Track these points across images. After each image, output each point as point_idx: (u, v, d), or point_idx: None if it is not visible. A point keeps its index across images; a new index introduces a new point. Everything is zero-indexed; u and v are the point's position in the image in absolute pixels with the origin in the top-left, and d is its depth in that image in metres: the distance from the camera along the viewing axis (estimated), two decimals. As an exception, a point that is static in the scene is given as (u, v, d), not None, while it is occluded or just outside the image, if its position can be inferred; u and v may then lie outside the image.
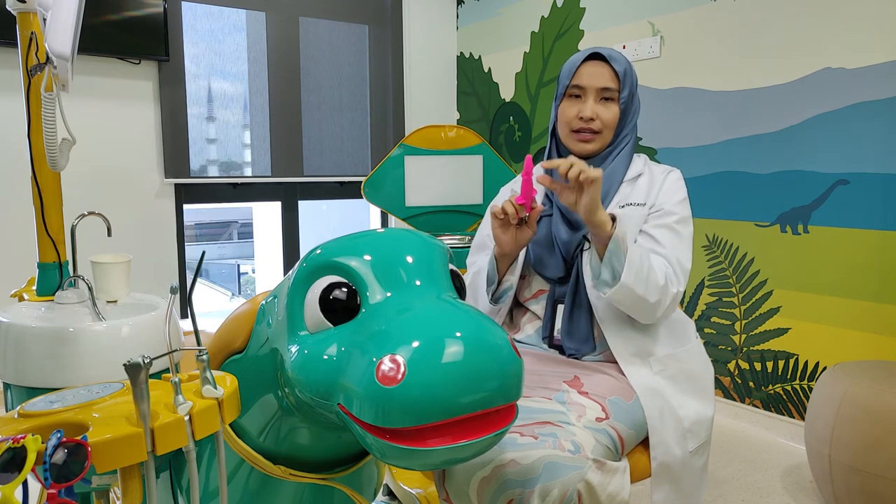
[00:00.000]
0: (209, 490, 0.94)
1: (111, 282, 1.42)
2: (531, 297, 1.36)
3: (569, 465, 0.98)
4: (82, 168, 2.87)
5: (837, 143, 2.18)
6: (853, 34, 2.13)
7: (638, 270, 1.14)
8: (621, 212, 1.28)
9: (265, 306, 0.88)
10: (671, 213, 1.27)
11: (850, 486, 1.71)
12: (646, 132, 2.79)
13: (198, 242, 11.49)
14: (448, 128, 2.95)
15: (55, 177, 1.37)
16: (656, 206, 1.28)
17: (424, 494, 1.48)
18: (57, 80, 1.17)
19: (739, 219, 2.49)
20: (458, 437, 0.69)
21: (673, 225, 1.26)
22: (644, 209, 1.28)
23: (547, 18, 3.26)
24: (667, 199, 1.28)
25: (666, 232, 1.25)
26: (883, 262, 2.10)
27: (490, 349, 0.70)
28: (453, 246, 2.85)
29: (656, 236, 1.25)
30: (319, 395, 0.75)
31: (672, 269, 1.22)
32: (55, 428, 0.66)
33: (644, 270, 1.15)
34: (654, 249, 1.23)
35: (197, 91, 3.19)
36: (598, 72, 1.28)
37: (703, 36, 2.57)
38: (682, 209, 1.28)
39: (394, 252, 0.80)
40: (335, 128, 3.59)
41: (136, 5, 2.83)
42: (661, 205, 1.28)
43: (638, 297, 1.16)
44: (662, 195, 1.29)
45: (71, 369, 1.19)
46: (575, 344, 1.28)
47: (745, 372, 2.51)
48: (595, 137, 1.30)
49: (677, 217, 1.26)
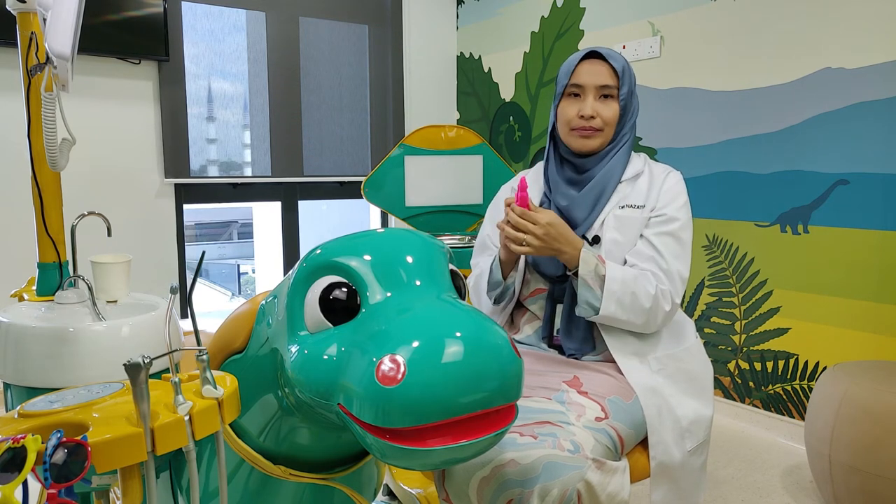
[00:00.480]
0: (209, 490, 0.94)
1: (111, 282, 1.42)
2: (529, 295, 1.37)
3: (568, 464, 0.98)
4: (82, 168, 2.87)
5: (837, 143, 2.18)
6: (853, 34, 2.13)
7: (619, 299, 1.19)
8: (620, 213, 1.28)
9: (265, 306, 0.88)
10: (674, 218, 1.27)
11: (850, 486, 1.71)
12: (646, 132, 2.79)
13: (198, 242, 11.49)
14: (448, 128, 2.95)
15: (55, 177, 1.37)
16: (657, 210, 1.28)
17: (424, 494, 1.48)
18: (57, 80, 1.17)
19: (739, 219, 2.49)
20: (458, 437, 0.69)
21: (675, 232, 1.26)
22: (644, 212, 1.28)
23: (547, 18, 3.26)
24: (668, 203, 1.28)
25: (668, 240, 1.25)
26: (883, 262, 2.10)
27: (490, 349, 0.70)
28: (453, 246, 2.85)
29: (657, 245, 1.25)
30: (319, 395, 0.75)
31: (668, 285, 1.23)
32: (55, 428, 0.66)
33: (626, 298, 1.19)
34: (654, 259, 1.24)
35: (197, 91, 3.19)
36: (596, 70, 1.29)
37: (703, 36, 2.57)
38: (684, 214, 1.28)
39: (394, 252, 0.80)
40: (335, 128, 3.59)
41: (136, 5, 2.83)
42: (663, 209, 1.28)
43: (622, 321, 1.21)
44: (663, 198, 1.29)
45: (71, 369, 1.19)
46: (574, 344, 1.28)
47: (745, 372, 2.51)
48: (596, 135, 1.30)
49: (679, 223, 1.27)
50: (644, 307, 1.20)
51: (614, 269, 1.20)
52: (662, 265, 1.24)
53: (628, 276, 1.20)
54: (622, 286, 1.18)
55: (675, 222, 1.26)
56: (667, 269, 1.23)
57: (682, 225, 1.27)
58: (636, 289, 1.19)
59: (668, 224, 1.26)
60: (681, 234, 1.26)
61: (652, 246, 1.25)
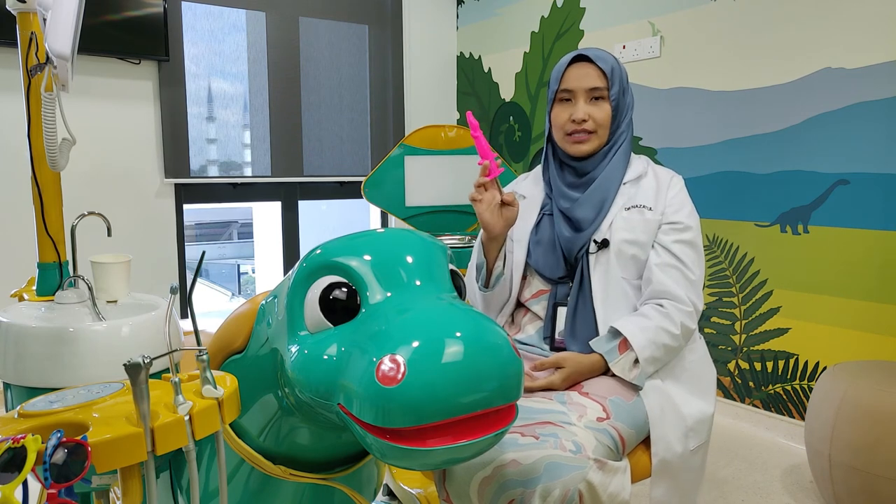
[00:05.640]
0: (209, 490, 0.94)
1: (111, 282, 1.42)
2: (531, 297, 1.37)
3: (570, 465, 0.98)
4: (82, 168, 2.87)
5: (837, 143, 2.18)
6: (853, 34, 2.13)
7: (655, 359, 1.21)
8: (628, 214, 1.29)
9: (265, 306, 0.88)
10: (688, 227, 1.29)
11: (850, 486, 1.71)
12: (646, 132, 2.79)
13: (198, 242, 11.49)
14: (448, 128, 2.95)
15: (55, 177, 1.37)
16: (668, 217, 1.29)
17: (424, 494, 1.48)
18: (57, 80, 1.17)
19: (739, 219, 2.49)
20: (458, 437, 0.69)
21: (692, 240, 1.29)
22: (654, 214, 1.28)
23: (547, 18, 3.26)
24: (678, 210, 1.30)
25: (687, 249, 1.28)
26: (883, 262, 2.10)
27: (490, 349, 0.70)
28: (453, 246, 2.85)
29: (678, 254, 1.27)
30: (319, 395, 0.75)
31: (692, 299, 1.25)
32: (55, 428, 0.66)
33: (659, 353, 1.21)
34: (679, 269, 1.26)
35: (197, 91, 3.19)
36: (584, 73, 1.29)
37: (703, 36, 2.57)
38: (695, 221, 1.31)
39: (394, 252, 0.80)
40: (335, 128, 3.59)
41: (136, 5, 2.83)
42: (674, 215, 1.29)
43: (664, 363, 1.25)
44: (672, 203, 1.30)
45: (71, 369, 1.19)
46: (579, 346, 1.28)
47: (745, 372, 2.51)
48: (590, 138, 1.30)
49: (694, 232, 1.29)
50: (674, 347, 1.23)
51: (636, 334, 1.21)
52: (689, 276, 1.26)
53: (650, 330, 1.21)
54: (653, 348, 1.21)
55: (690, 231, 1.29)
56: (693, 279, 1.26)
57: (696, 233, 1.30)
58: (663, 339, 1.21)
59: (684, 233, 1.28)
60: (696, 241, 1.29)
61: (673, 255, 1.27)
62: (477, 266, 1.37)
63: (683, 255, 1.27)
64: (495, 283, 1.35)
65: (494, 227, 1.26)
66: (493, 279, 1.35)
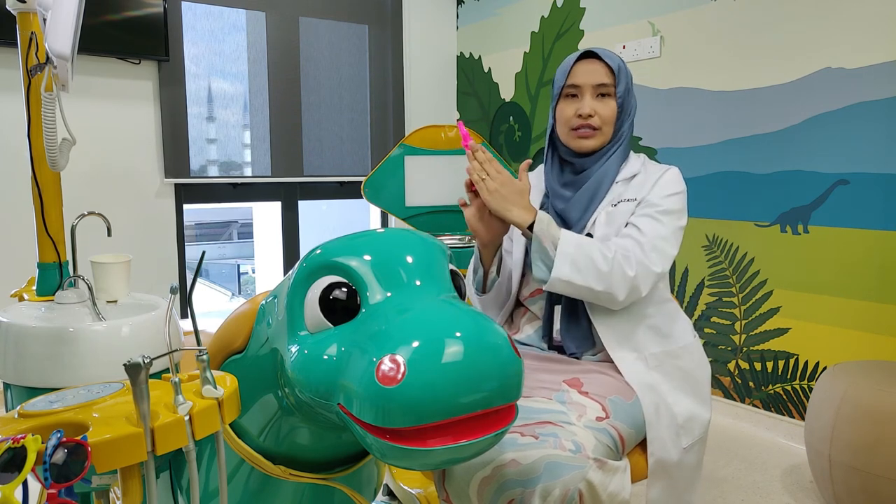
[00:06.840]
0: (209, 490, 0.94)
1: (111, 282, 1.42)
2: (529, 295, 1.37)
3: (570, 464, 0.98)
4: (82, 168, 2.87)
5: (837, 143, 2.18)
6: (853, 34, 2.13)
7: (574, 261, 1.16)
8: (612, 210, 1.29)
9: (265, 306, 0.88)
10: (656, 204, 1.27)
11: (850, 486, 1.71)
12: (646, 132, 2.79)
13: (198, 242, 11.50)
14: (448, 128, 2.95)
15: (55, 177, 1.37)
16: (645, 201, 1.28)
17: (424, 494, 1.48)
18: (57, 80, 1.17)
19: (739, 219, 2.49)
20: (458, 437, 0.69)
21: (654, 214, 1.25)
22: (633, 204, 1.29)
23: (547, 18, 3.26)
24: (656, 194, 1.28)
25: (646, 220, 1.25)
26: (883, 262, 2.10)
27: (490, 349, 0.70)
28: (453, 246, 2.85)
29: (637, 223, 1.25)
30: (319, 395, 0.75)
31: (636, 252, 1.20)
32: (55, 428, 0.66)
33: (581, 260, 1.16)
34: (631, 235, 1.24)
35: (197, 91, 3.19)
36: (592, 69, 1.29)
37: (703, 36, 2.57)
38: (670, 203, 1.27)
39: (394, 252, 0.80)
40: (335, 128, 3.59)
41: (136, 5, 2.83)
42: (649, 198, 1.28)
43: (580, 287, 1.18)
44: (654, 191, 1.29)
45: (71, 369, 1.19)
46: (574, 343, 1.29)
47: (745, 372, 2.51)
48: (595, 134, 1.30)
49: (661, 208, 1.26)
50: (601, 270, 1.17)
51: (570, 233, 1.20)
52: (638, 237, 1.23)
53: (585, 241, 1.19)
54: (577, 249, 1.17)
55: (657, 207, 1.26)
56: (641, 240, 1.22)
57: (663, 210, 1.25)
58: (592, 252, 1.18)
59: (648, 208, 1.26)
60: (660, 216, 1.25)
61: (632, 225, 1.25)
62: (473, 270, 1.39)
63: (640, 224, 1.24)
64: (489, 287, 1.36)
65: (482, 234, 1.27)
66: (487, 284, 1.36)
